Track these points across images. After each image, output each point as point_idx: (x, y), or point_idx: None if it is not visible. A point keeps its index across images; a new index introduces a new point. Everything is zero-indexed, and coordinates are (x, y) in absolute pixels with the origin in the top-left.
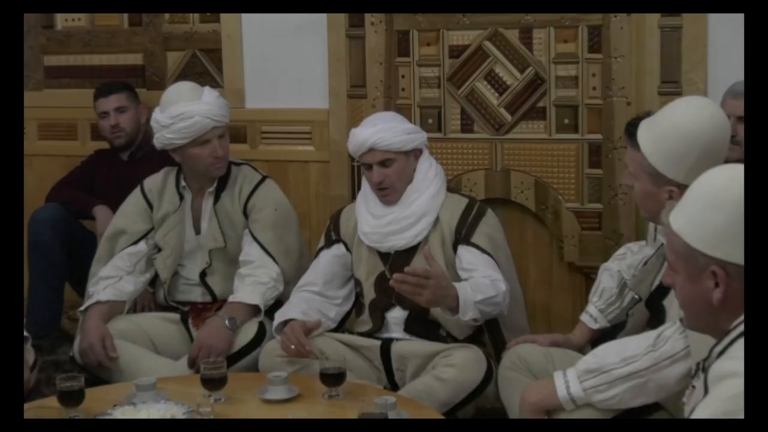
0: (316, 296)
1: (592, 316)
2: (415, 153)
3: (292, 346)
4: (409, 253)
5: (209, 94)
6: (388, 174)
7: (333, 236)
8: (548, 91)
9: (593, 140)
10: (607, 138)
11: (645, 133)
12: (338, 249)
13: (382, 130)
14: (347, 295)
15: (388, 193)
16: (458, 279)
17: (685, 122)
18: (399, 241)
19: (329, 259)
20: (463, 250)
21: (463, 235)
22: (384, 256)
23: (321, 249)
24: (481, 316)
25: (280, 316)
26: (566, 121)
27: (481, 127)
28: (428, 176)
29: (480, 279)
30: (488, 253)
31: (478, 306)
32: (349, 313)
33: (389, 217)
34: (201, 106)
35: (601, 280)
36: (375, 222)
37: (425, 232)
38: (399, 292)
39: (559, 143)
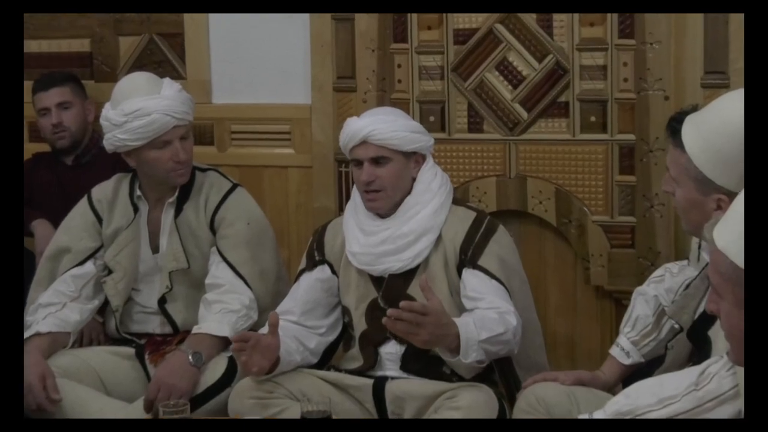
0: (293, 324)
1: (624, 350)
2: (417, 159)
3: (243, 358)
4: (407, 277)
5: (169, 87)
6: (380, 175)
7: (316, 256)
8: (571, 84)
9: (625, 141)
10: (641, 138)
11: (691, 130)
12: (322, 272)
13: (381, 121)
14: (332, 324)
15: (376, 198)
16: (463, 308)
17: (738, 119)
18: (394, 264)
19: (311, 283)
20: (469, 275)
21: (469, 256)
22: (377, 281)
23: (302, 271)
24: (486, 357)
25: None
26: (593, 118)
27: (492, 126)
28: (431, 187)
29: (486, 312)
30: (498, 279)
31: (482, 346)
32: (335, 346)
33: (383, 235)
34: (160, 101)
35: (634, 307)
36: (366, 240)
37: (425, 252)
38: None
39: (585, 145)
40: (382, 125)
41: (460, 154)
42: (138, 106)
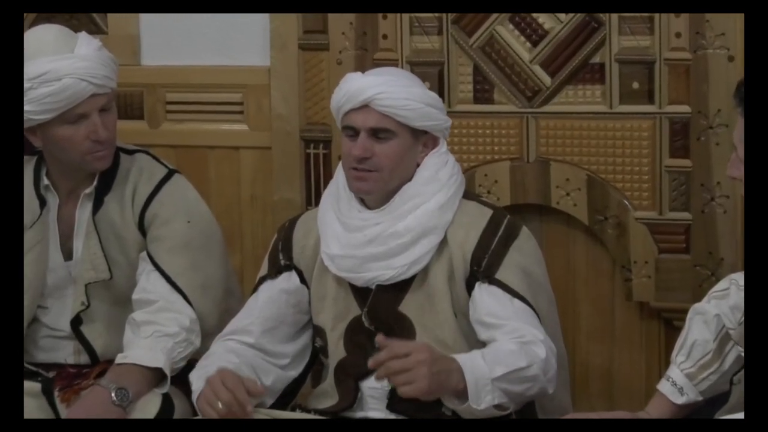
0: (250, 349)
1: (677, 385)
2: (426, 141)
3: (220, 405)
4: (399, 290)
5: (86, 45)
6: (378, 152)
7: (281, 260)
8: (607, 40)
9: (677, 115)
10: (698, 111)
11: None
12: (289, 280)
13: (391, 83)
14: (298, 353)
15: (367, 178)
16: (471, 336)
17: None
18: (384, 272)
19: (274, 295)
20: (483, 292)
21: (483, 267)
22: (360, 294)
23: (263, 279)
24: (509, 400)
25: (196, 377)
26: (635, 85)
27: (505, 96)
28: (439, 176)
29: (502, 343)
30: (521, 297)
31: (499, 385)
32: (298, 385)
33: (371, 232)
34: (73, 62)
35: (690, 330)
36: (349, 238)
37: (425, 259)
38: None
39: (625, 119)
40: (393, 88)
41: (463, 131)
42: (44, 69)
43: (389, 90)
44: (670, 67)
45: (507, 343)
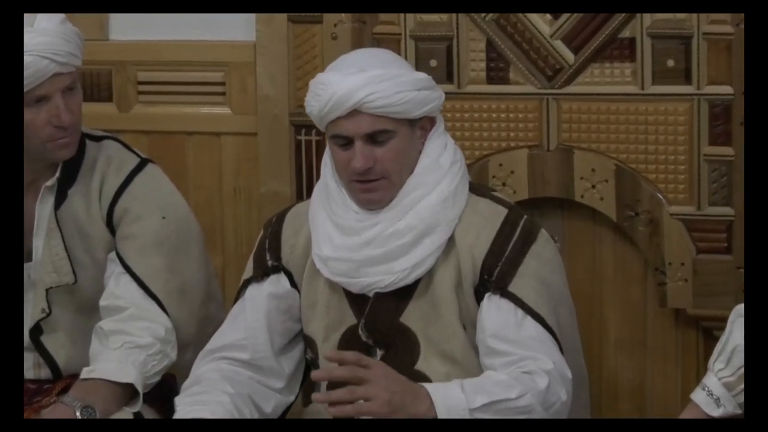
0: (243, 370)
1: (713, 395)
2: (423, 124)
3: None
4: (401, 298)
5: (47, 18)
6: (381, 156)
7: (269, 261)
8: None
9: (718, 97)
10: (741, 93)
11: None
12: (277, 283)
13: (378, 79)
14: (294, 371)
15: (377, 188)
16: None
17: None
18: (383, 277)
19: (261, 300)
20: (492, 306)
21: (495, 277)
22: (357, 301)
23: (247, 283)
24: None
25: (184, 403)
26: (670, 63)
27: (523, 75)
28: (441, 163)
29: (493, 375)
30: (537, 315)
31: (479, 416)
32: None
33: (369, 233)
34: (33, 36)
35: (731, 334)
36: (344, 240)
37: (430, 261)
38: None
39: (659, 102)
40: (383, 84)
41: (475, 115)
42: None
43: (379, 88)
44: (709, 43)
45: (496, 375)
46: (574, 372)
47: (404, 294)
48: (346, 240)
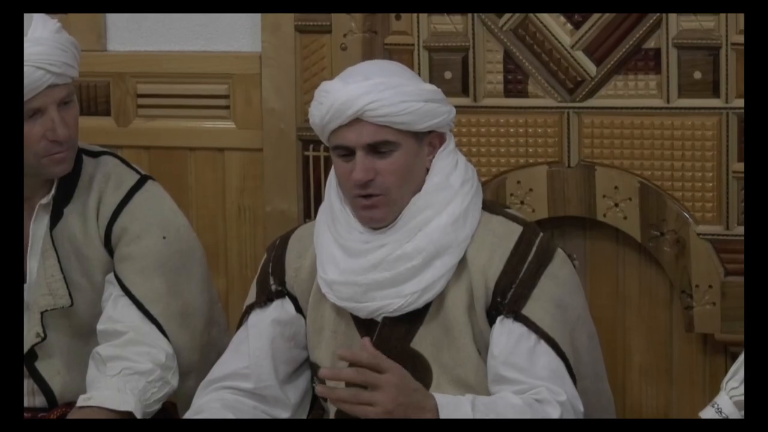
0: (246, 399)
1: (722, 413)
2: (431, 140)
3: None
4: (411, 323)
5: (42, 27)
6: (382, 169)
7: (272, 285)
8: (664, 22)
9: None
10: None
11: None
12: (282, 309)
13: (381, 87)
14: (300, 401)
15: (376, 205)
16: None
17: None
18: (391, 301)
19: (265, 327)
20: (504, 330)
21: (509, 299)
22: (364, 326)
23: (250, 309)
24: None
25: None
26: (698, 75)
27: (543, 87)
28: (451, 183)
29: (506, 396)
30: (551, 341)
31: None
32: None
33: (376, 256)
34: (27, 47)
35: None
36: (350, 263)
37: (440, 284)
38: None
39: (686, 115)
40: (386, 92)
41: (491, 130)
42: None
43: (381, 96)
44: (738, 54)
45: (511, 397)
46: (596, 398)
47: (414, 318)
48: (351, 263)
